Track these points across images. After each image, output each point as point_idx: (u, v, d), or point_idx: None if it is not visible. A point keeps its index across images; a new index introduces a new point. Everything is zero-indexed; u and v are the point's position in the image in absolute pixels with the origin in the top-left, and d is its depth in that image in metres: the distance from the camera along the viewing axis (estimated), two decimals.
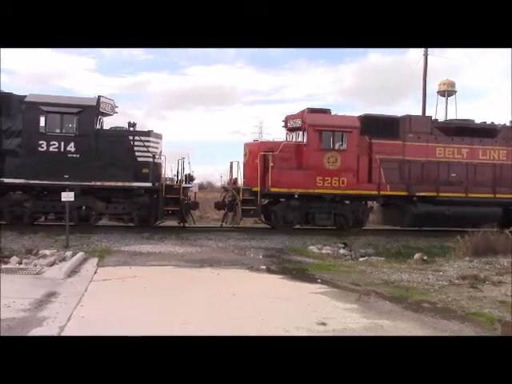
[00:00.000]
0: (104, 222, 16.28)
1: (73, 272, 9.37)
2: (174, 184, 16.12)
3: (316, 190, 16.64)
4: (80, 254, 11.07)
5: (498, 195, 18.04)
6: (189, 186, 16.39)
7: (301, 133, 17.33)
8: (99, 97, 15.50)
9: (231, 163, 17.43)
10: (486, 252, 11.97)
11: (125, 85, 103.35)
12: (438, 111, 36.94)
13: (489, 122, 19.27)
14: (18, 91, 15.45)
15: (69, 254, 11.04)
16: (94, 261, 10.82)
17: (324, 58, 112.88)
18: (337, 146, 16.96)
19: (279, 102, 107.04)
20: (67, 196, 12.73)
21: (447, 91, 37.12)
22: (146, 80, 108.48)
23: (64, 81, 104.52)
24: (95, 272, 9.54)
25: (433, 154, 17.84)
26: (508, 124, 19.39)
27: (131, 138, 15.36)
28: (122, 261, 10.99)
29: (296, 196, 16.57)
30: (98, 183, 14.94)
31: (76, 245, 12.75)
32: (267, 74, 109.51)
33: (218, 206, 17.55)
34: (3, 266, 9.76)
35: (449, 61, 79.73)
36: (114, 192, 15.40)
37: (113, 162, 14.94)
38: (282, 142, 17.19)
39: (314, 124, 16.81)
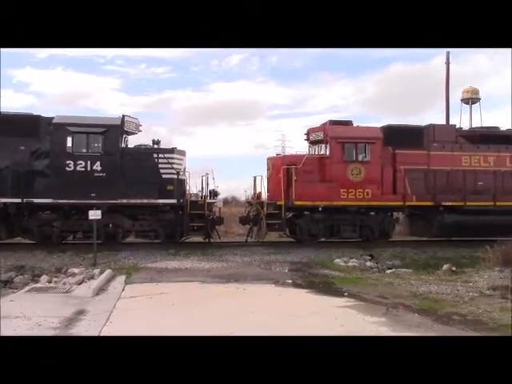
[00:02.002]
0: (131, 239, 16.48)
1: (101, 290, 9.50)
2: (198, 200, 16.20)
3: (340, 202, 16.55)
4: (108, 272, 11.22)
5: None
6: (213, 201, 16.51)
7: (323, 145, 17.31)
8: (123, 116, 15.80)
9: (254, 178, 17.52)
10: None
11: (149, 103, 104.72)
12: (463, 119, 36.48)
13: None
14: (46, 113, 15.94)
15: (97, 271, 11.22)
16: (121, 278, 10.95)
17: (345, 69, 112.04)
18: (360, 158, 16.88)
19: (302, 115, 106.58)
20: (94, 214, 12.99)
21: (471, 99, 36.63)
22: (169, 97, 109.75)
23: (90, 101, 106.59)
24: (123, 289, 9.65)
25: (458, 162, 17.57)
26: None
27: (155, 155, 15.58)
28: (149, 277, 11.07)
29: (320, 209, 16.50)
30: (124, 201, 15.16)
31: (104, 262, 12.94)
32: (289, 88, 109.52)
33: (243, 220, 17.60)
34: (34, 285, 9.98)
35: (473, 68, 78.52)
36: (140, 209, 15.60)
37: (138, 180, 15.14)
38: (304, 155, 17.19)
39: (336, 136, 16.78)
